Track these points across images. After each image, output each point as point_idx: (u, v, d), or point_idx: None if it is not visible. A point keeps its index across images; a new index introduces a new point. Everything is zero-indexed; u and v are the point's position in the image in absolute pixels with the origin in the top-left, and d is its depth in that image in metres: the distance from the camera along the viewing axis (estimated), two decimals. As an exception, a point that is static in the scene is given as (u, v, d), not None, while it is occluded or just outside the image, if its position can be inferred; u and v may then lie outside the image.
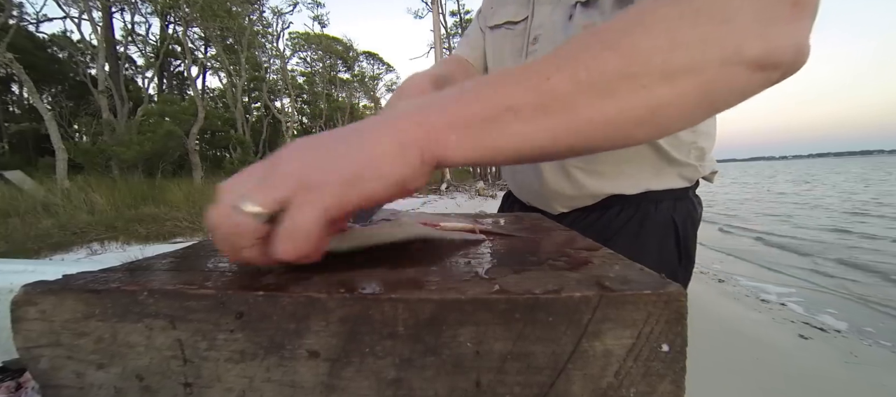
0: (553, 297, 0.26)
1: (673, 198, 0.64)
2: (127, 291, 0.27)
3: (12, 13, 8.75)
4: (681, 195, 0.64)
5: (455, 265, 0.34)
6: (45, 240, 4.61)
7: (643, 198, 0.63)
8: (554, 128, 0.28)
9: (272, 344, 0.26)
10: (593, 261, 0.34)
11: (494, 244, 0.43)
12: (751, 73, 0.28)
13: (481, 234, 0.46)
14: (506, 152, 0.29)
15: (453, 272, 0.32)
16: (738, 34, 0.27)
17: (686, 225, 0.63)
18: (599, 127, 0.28)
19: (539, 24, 0.68)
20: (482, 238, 0.45)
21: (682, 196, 0.64)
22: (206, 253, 0.42)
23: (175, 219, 5.89)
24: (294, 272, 0.32)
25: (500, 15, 0.74)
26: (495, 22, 0.75)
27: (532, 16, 0.68)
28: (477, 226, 0.48)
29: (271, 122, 19.06)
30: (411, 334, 0.26)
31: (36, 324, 0.27)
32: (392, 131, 0.28)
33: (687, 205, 0.64)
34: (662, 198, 0.63)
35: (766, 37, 0.27)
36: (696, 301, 0.37)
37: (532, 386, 0.26)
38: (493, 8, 0.76)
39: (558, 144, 0.29)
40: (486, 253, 0.39)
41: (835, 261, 4.77)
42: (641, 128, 0.29)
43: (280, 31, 18.79)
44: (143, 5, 14.02)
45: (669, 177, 0.63)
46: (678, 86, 0.27)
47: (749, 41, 0.27)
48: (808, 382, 1.89)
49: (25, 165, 10.21)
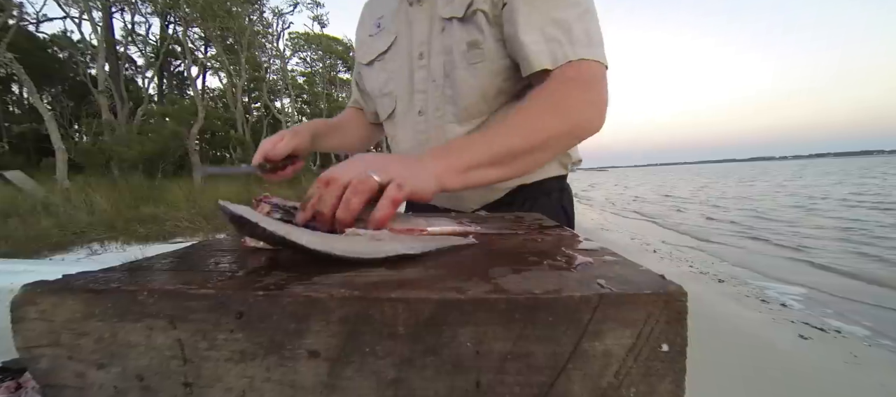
0: (553, 297, 0.26)
1: (559, 187, 0.82)
2: (127, 291, 0.27)
3: (12, 13, 8.75)
4: (563, 184, 0.83)
5: (455, 265, 0.35)
6: (45, 240, 4.61)
7: (538, 187, 0.80)
8: (504, 173, 0.56)
9: (272, 344, 0.26)
10: (593, 261, 0.34)
11: (494, 243, 0.43)
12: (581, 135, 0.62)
13: (472, 237, 0.45)
14: (481, 183, 0.55)
15: (453, 272, 0.32)
16: (573, 120, 0.59)
17: (569, 206, 0.84)
18: (524, 167, 0.58)
19: (420, 41, 0.75)
20: (472, 241, 0.43)
21: (563, 185, 0.83)
22: (206, 253, 0.42)
23: (175, 219, 5.88)
24: (294, 272, 0.32)
25: (370, 52, 0.85)
26: (368, 59, 0.86)
27: (411, 35, 0.77)
28: (469, 229, 0.48)
29: (271, 123, 19.07)
30: (411, 334, 0.26)
31: (36, 324, 0.27)
32: (429, 166, 0.50)
33: (568, 192, 0.85)
34: (552, 189, 0.81)
35: (585, 122, 0.60)
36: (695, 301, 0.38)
37: (532, 386, 0.26)
38: (363, 49, 0.88)
39: (507, 177, 0.57)
40: (486, 252, 0.39)
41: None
42: (544, 160, 0.61)
43: (280, 32, 18.80)
44: (143, 5, 14.02)
45: (554, 166, 0.81)
46: (554, 145, 0.59)
47: (579, 124, 0.60)
48: (809, 382, 1.89)
49: (26, 165, 10.21)
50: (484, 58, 0.69)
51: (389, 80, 0.81)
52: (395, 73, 0.80)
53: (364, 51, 0.87)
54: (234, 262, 0.37)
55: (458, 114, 0.73)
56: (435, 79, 0.74)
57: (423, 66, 0.75)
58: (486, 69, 0.69)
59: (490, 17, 0.67)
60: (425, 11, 0.74)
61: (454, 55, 0.70)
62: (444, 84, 0.73)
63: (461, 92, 0.71)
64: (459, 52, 0.70)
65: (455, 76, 0.71)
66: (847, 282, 3.69)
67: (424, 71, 0.75)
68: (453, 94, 0.72)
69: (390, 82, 0.81)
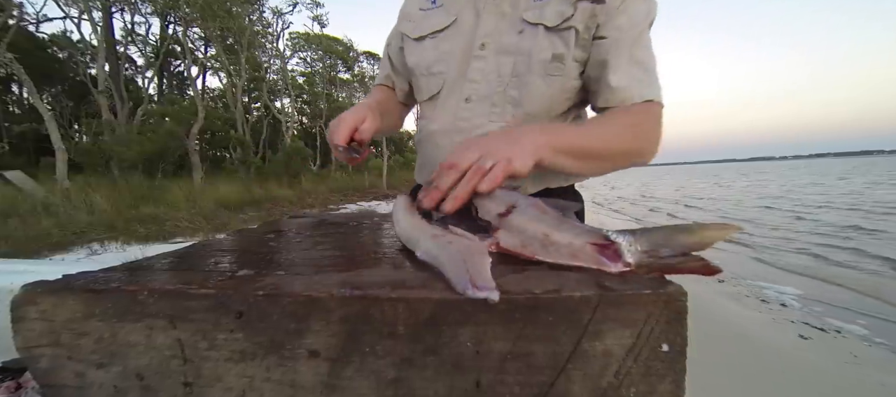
0: (553, 297, 0.26)
1: (575, 195, 0.85)
2: (127, 291, 0.27)
3: (12, 13, 8.74)
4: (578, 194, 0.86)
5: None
6: (45, 240, 4.60)
7: (561, 191, 0.82)
8: (578, 166, 0.61)
9: (272, 344, 0.26)
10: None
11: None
12: (638, 160, 0.67)
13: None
14: (560, 169, 0.58)
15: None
16: (640, 145, 0.66)
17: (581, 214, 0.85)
18: (591, 169, 0.65)
19: (486, 33, 0.74)
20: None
21: (578, 195, 0.86)
22: (206, 252, 0.42)
23: (175, 219, 5.88)
24: (294, 272, 0.32)
25: (423, 27, 0.82)
26: (420, 34, 0.83)
27: (476, 24, 0.76)
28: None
29: (271, 122, 19.05)
30: (411, 333, 0.26)
31: (36, 324, 0.27)
32: (533, 138, 0.54)
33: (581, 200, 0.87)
34: (569, 193, 0.84)
35: (646, 150, 0.67)
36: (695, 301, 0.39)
37: (532, 385, 0.26)
38: (413, 23, 0.84)
39: (577, 171, 0.63)
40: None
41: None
42: (605, 170, 0.68)
43: (280, 32, 18.78)
44: (143, 5, 14.00)
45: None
46: (619, 160, 0.66)
47: (643, 150, 0.66)
48: (809, 382, 1.89)
49: (26, 165, 10.20)
50: (563, 73, 0.70)
51: (440, 61, 0.79)
52: (447, 54, 0.78)
53: (414, 25, 0.83)
54: (234, 262, 0.37)
55: (517, 116, 0.73)
56: (501, 75, 0.73)
57: (483, 57, 0.74)
58: (560, 84, 0.71)
59: (579, 37, 0.68)
60: (497, 6, 0.73)
61: (532, 61, 0.70)
62: (510, 84, 0.73)
63: (530, 97, 0.72)
64: (540, 59, 0.70)
65: (528, 81, 0.71)
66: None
67: (483, 61, 0.74)
68: (519, 96, 0.72)
69: (441, 62, 0.79)
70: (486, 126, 0.75)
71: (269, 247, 0.45)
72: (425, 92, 0.84)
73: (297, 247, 0.45)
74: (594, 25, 0.68)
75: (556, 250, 0.35)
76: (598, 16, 0.67)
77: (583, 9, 0.67)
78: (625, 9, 0.67)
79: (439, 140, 0.79)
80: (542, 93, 0.71)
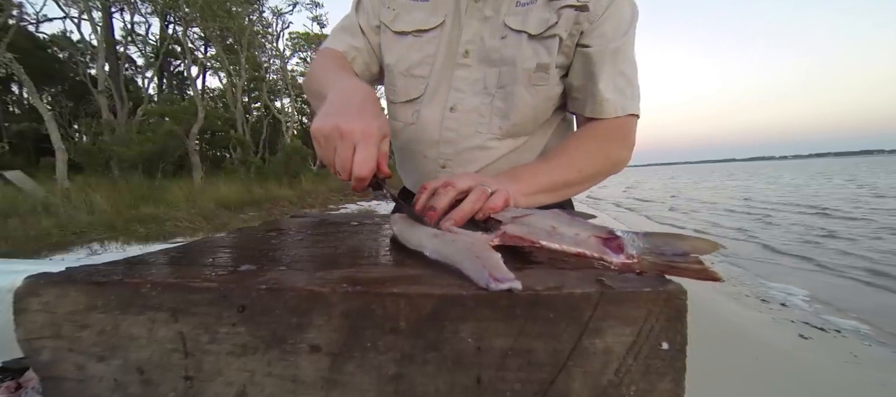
0: (554, 294, 0.26)
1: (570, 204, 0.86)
2: (130, 284, 0.27)
3: (12, 13, 8.75)
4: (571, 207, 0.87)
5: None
6: (45, 240, 4.60)
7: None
8: (555, 198, 0.63)
9: (274, 338, 0.26)
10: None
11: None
12: (615, 172, 0.72)
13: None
14: (541, 203, 0.60)
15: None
16: (613, 161, 0.70)
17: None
18: (568, 195, 0.69)
19: (469, 39, 0.70)
20: None
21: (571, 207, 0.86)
22: (207, 249, 0.42)
23: (175, 219, 5.87)
24: (296, 267, 0.32)
25: (407, 22, 0.73)
26: (402, 28, 0.74)
27: (460, 29, 0.70)
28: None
29: (271, 122, 19.06)
30: (413, 329, 0.26)
31: (38, 316, 0.27)
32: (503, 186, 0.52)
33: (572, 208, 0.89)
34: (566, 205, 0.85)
35: (620, 164, 0.70)
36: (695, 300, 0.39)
37: (532, 382, 0.26)
38: (394, 11, 0.74)
39: (555, 201, 0.63)
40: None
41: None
42: (583, 190, 0.72)
43: (280, 31, 18.80)
44: (143, 5, 14.01)
45: None
46: (596, 179, 0.69)
47: (617, 165, 0.70)
48: (809, 382, 1.89)
49: (26, 165, 10.19)
50: (547, 82, 0.68)
51: (423, 64, 0.73)
52: (430, 58, 0.72)
53: (395, 15, 0.74)
54: (235, 258, 0.37)
55: (505, 128, 0.71)
56: (487, 86, 0.70)
57: (467, 65, 0.70)
58: (545, 93, 0.69)
59: (562, 45, 0.66)
60: (480, 10, 0.69)
61: (517, 71, 0.67)
62: (497, 95, 0.70)
63: (517, 108, 0.69)
64: (525, 69, 0.67)
65: (514, 91, 0.68)
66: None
67: (467, 71, 0.70)
68: (505, 107, 0.70)
69: (424, 66, 0.73)
70: (474, 137, 0.73)
71: (271, 245, 0.45)
72: (402, 94, 0.76)
73: (298, 244, 0.45)
74: (578, 32, 0.66)
75: (560, 238, 0.37)
76: (582, 23, 0.66)
77: (567, 16, 0.65)
78: (609, 16, 0.66)
79: (427, 151, 0.75)
80: (528, 103, 0.70)
